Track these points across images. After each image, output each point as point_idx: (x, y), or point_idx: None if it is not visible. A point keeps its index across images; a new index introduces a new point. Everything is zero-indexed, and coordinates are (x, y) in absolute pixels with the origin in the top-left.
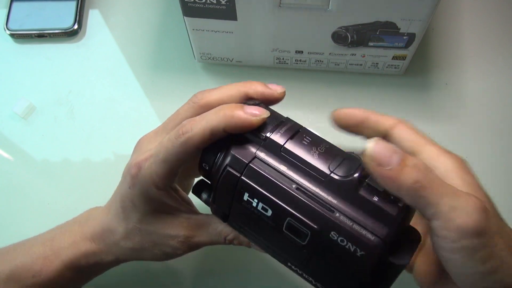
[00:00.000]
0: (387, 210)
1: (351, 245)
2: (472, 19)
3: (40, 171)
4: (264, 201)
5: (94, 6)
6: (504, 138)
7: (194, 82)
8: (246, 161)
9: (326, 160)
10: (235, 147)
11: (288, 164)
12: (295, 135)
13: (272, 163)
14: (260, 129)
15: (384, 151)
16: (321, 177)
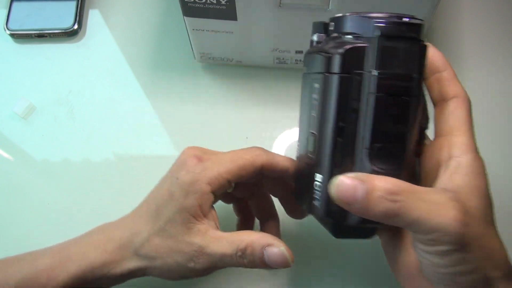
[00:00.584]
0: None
1: None
2: (472, 19)
3: (40, 171)
4: None
5: (94, 6)
6: (504, 138)
7: (194, 82)
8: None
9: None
10: None
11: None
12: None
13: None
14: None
15: (346, 191)
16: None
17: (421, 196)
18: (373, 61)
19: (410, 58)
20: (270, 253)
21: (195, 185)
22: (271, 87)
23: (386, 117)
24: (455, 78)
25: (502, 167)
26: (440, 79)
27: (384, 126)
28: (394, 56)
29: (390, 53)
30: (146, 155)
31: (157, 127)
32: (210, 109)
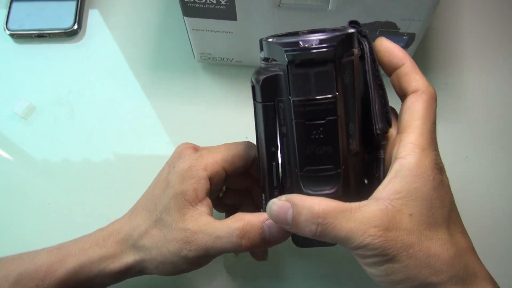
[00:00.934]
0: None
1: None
2: (472, 19)
3: (40, 171)
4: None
5: (94, 6)
6: (504, 138)
7: (194, 82)
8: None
9: (307, 161)
10: None
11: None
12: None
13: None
14: (294, 90)
15: (278, 213)
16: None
17: (348, 215)
18: (288, 89)
19: (324, 80)
20: (270, 223)
21: (191, 170)
22: None
23: (310, 141)
24: (414, 71)
25: (502, 167)
26: (399, 75)
27: (309, 150)
28: (306, 81)
29: (301, 80)
30: (146, 155)
31: (157, 127)
32: (210, 109)
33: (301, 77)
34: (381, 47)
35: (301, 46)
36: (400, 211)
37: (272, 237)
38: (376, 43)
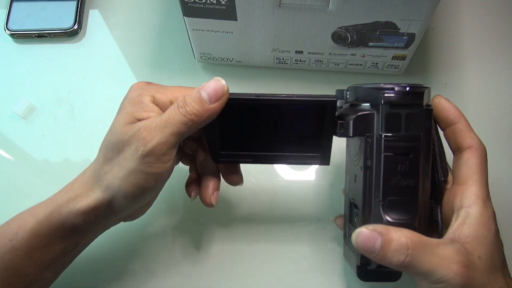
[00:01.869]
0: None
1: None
2: (472, 19)
3: (40, 171)
4: None
5: (94, 6)
6: (504, 138)
7: (194, 82)
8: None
9: (389, 192)
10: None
11: (373, 163)
12: (399, 155)
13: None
14: (386, 127)
15: (366, 242)
16: (376, 196)
17: (431, 249)
18: (380, 126)
19: (413, 120)
20: (206, 85)
21: (141, 97)
22: (271, 87)
23: (395, 173)
24: (469, 129)
25: (502, 167)
26: (455, 131)
27: (394, 181)
28: (398, 120)
29: (394, 119)
30: None
31: None
32: None
33: (393, 116)
34: (440, 105)
35: (396, 90)
36: (471, 253)
37: (210, 96)
38: (434, 100)
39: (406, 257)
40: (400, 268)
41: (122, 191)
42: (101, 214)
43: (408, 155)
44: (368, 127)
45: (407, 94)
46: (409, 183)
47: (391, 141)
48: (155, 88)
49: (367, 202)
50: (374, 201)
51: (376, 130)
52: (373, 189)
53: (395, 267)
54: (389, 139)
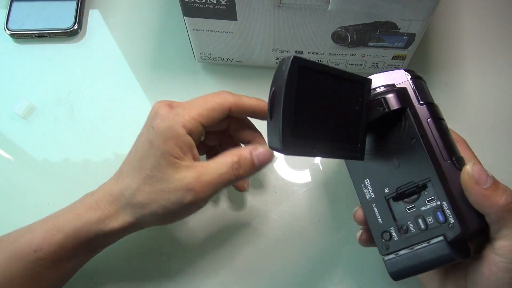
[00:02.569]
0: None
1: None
2: (472, 19)
3: (40, 171)
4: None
5: (94, 6)
6: (504, 138)
7: (194, 82)
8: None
9: (451, 150)
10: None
11: (427, 130)
12: (440, 119)
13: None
14: (423, 95)
15: (481, 172)
16: (445, 156)
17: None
18: (417, 96)
19: (427, 91)
20: (258, 153)
21: (171, 130)
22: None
23: (445, 134)
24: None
25: (502, 167)
26: None
27: (448, 141)
28: (424, 90)
29: (422, 89)
30: None
31: None
32: None
33: (421, 88)
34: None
35: (411, 70)
36: None
37: (260, 164)
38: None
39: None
40: (500, 211)
41: (155, 219)
42: (131, 231)
43: (442, 119)
44: (407, 100)
45: (414, 72)
46: (453, 141)
47: (430, 108)
48: (181, 113)
49: (438, 167)
50: (444, 163)
51: (415, 101)
52: (436, 153)
53: (496, 210)
54: (428, 106)
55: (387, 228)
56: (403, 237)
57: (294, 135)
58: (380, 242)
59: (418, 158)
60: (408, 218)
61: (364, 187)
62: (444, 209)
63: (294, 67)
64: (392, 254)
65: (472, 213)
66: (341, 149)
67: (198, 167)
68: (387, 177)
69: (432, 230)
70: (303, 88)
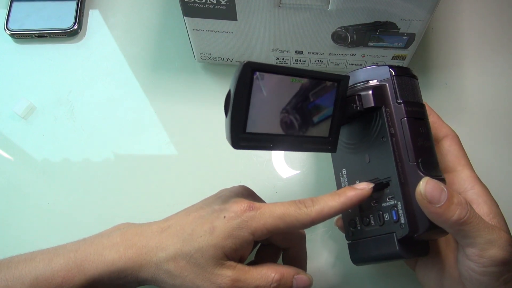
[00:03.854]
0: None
1: (400, 214)
2: (472, 19)
3: (40, 171)
4: None
5: (94, 6)
6: (504, 138)
7: (194, 82)
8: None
9: (421, 153)
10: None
11: (398, 130)
12: (418, 119)
13: (390, 121)
14: (402, 93)
15: (433, 190)
16: (411, 158)
17: (482, 218)
18: (396, 94)
19: (416, 90)
20: (299, 280)
21: (239, 230)
22: None
23: (418, 135)
24: (440, 119)
25: (502, 167)
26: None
27: (419, 142)
28: (408, 88)
29: (405, 87)
30: (146, 155)
31: (157, 127)
32: (210, 109)
33: (404, 85)
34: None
35: (399, 66)
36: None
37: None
38: None
39: (467, 213)
40: (455, 226)
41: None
42: (149, 285)
43: (422, 119)
44: (384, 98)
45: (408, 69)
46: (429, 144)
47: (409, 106)
48: (257, 219)
49: (400, 168)
50: (407, 165)
51: (392, 99)
52: (403, 154)
53: (450, 225)
54: (407, 105)
55: (353, 217)
56: (365, 228)
57: (245, 131)
58: (347, 228)
59: (385, 156)
60: (371, 211)
61: (341, 175)
62: (398, 209)
63: (246, 70)
64: (355, 241)
65: (425, 215)
66: (309, 142)
67: (240, 270)
68: (359, 170)
69: (386, 226)
70: (257, 89)
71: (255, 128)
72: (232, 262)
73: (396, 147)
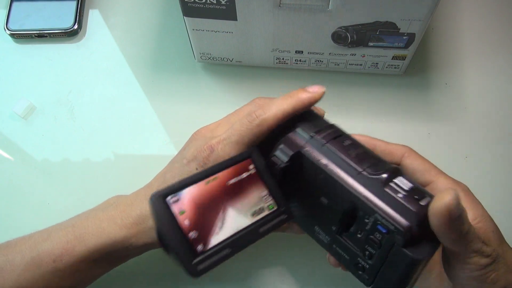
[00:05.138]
0: (409, 206)
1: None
2: (472, 19)
3: (40, 171)
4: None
5: (94, 6)
6: (504, 138)
7: (194, 82)
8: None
9: (360, 161)
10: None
11: (327, 158)
12: (337, 137)
13: (314, 156)
14: (308, 129)
15: (454, 204)
16: (354, 171)
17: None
18: (304, 134)
19: (317, 117)
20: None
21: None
22: (271, 87)
23: (347, 148)
24: (388, 143)
25: (502, 167)
26: (379, 151)
27: (353, 153)
28: (308, 121)
29: (307, 122)
30: (146, 155)
31: (157, 127)
32: (210, 108)
33: (303, 119)
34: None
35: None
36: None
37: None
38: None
39: (470, 226)
40: (458, 238)
41: None
42: (153, 248)
43: (340, 135)
44: (296, 142)
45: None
46: (362, 150)
47: (321, 134)
48: (221, 156)
49: (353, 186)
50: (358, 178)
51: (304, 139)
52: (347, 173)
53: (460, 231)
54: (319, 133)
55: (355, 261)
56: (372, 262)
57: (195, 256)
58: (359, 276)
59: (334, 187)
60: (364, 242)
61: (318, 234)
62: (380, 220)
63: (157, 201)
64: (375, 280)
65: (404, 208)
66: (264, 223)
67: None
68: (326, 216)
69: (386, 244)
70: (178, 212)
71: (203, 246)
72: None
73: (335, 173)
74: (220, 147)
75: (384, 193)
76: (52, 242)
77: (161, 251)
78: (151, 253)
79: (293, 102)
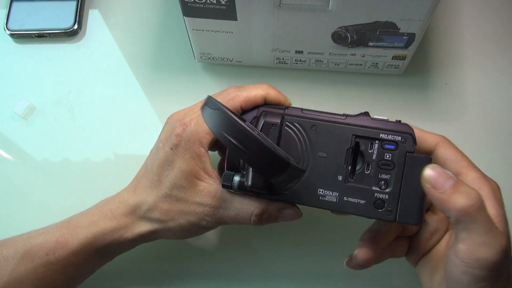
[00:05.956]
0: (399, 124)
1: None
2: (472, 19)
3: (40, 171)
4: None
5: (94, 6)
6: (504, 138)
7: (194, 82)
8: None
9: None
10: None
11: (311, 114)
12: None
13: (300, 115)
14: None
15: (439, 176)
16: (340, 116)
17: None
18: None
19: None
20: (286, 214)
21: (190, 150)
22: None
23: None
24: (424, 131)
25: (502, 167)
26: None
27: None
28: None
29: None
30: (146, 155)
31: (157, 127)
32: None
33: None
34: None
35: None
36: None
37: (283, 221)
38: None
39: (472, 206)
40: (457, 215)
41: (171, 234)
42: (145, 241)
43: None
44: (278, 112)
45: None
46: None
47: (291, 108)
48: (195, 132)
49: (347, 122)
50: (346, 118)
51: (282, 109)
52: (334, 116)
53: (452, 213)
54: (289, 108)
55: (372, 199)
56: (390, 189)
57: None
58: (381, 214)
59: (330, 132)
60: (375, 175)
61: (323, 197)
62: (386, 139)
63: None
64: (397, 209)
65: (397, 124)
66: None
67: (221, 198)
68: (329, 169)
69: (398, 159)
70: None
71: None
72: (211, 187)
73: (327, 119)
74: (193, 123)
75: (375, 120)
76: (46, 236)
77: (155, 248)
78: (146, 250)
79: (264, 88)
